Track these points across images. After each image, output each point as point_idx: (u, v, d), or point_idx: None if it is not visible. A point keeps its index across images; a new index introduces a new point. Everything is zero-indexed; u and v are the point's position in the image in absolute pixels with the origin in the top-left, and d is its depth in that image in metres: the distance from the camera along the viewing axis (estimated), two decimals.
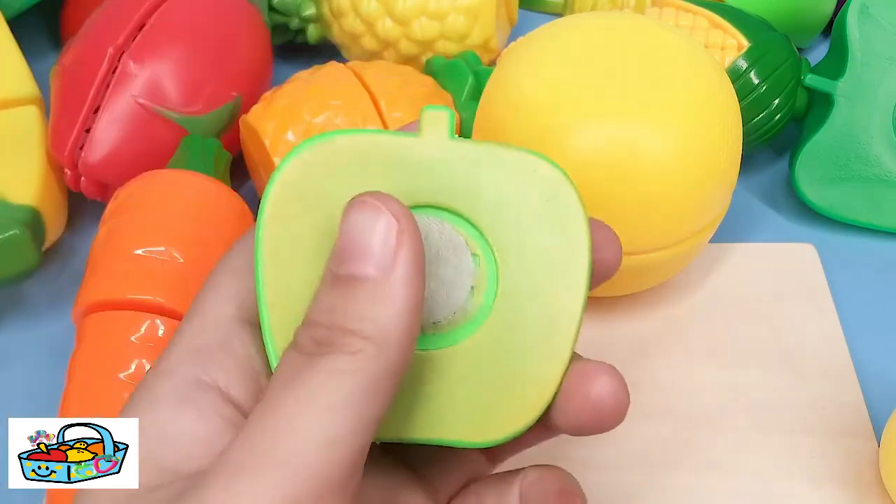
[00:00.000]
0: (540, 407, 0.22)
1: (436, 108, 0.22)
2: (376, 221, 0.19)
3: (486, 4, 0.42)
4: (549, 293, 0.22)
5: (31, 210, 0.35)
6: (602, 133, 0.30)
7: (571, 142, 0.30)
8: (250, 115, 0.38)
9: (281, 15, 0.45)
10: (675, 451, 0.33)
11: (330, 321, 0.18)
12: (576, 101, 0.31)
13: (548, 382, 0.22)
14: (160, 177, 0.35)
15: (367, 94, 0.38)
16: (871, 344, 0.36)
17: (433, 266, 0.22)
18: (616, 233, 0.23)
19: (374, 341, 0.18)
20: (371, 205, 0.19)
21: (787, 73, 0.40)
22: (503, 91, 0.33)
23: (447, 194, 0.22)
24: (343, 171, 0.21)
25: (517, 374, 0.22)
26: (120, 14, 0.38)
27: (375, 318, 0.18)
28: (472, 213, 0.22)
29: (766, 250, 0.39)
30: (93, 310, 0.32)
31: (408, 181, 0.22)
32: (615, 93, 0.30)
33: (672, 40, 0.32)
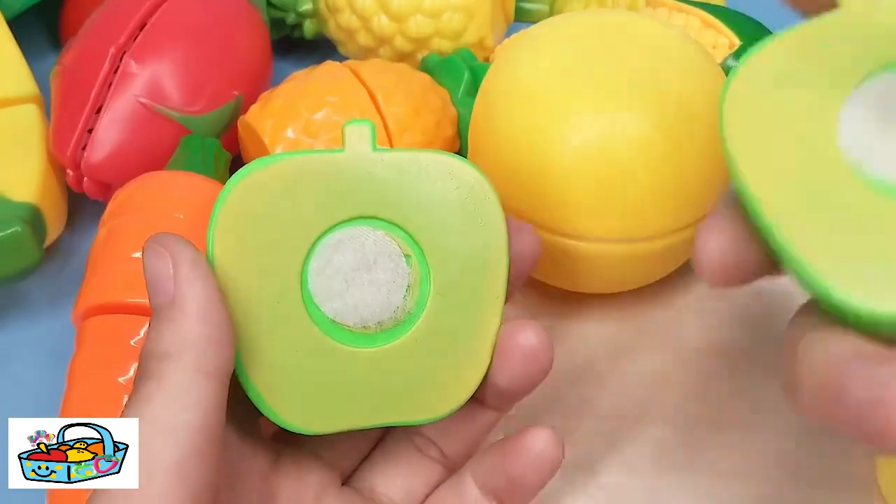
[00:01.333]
0: (477, 378, 0.26)
1: (357, 123, 0.25)
2: (158, 260, 0.23)
3: (482, 3, 0.42)
4: (474, 284, 0.25)
5: (32, 207, 0.36)
6: (598, 124, 0.30)
7: (569, 133, 0.30)
8: (248, 115, 0.38)
9: (278, 10, 0.45)
10: (672, 451, 0.33)
11: (144, 350, 0.22)
12: (573, 94, 0.31)
13: (481, 357, 0.25)
14: (159, 178, 0.35)
15: (365, 90, 0.38)
16: None
17: (373, 272, 0.25)
18: (533, 228, 0.27)
19: (172, 357, 0.21)
20: (152, 248, 0.23)
21: None
22: (500, 84, 0.33)
23: (377, 203, 0.25)
24: (282, 191, 0.24)
25: (456, 355, 0.25)
26: (121, 14, 0.38)
27: (170, 335, 0.22)
28: (401, 218, 0.25)
29: None
30: (92, 313, 0.32)
31: (340, 195, 0.25)
32: (611, 84, 0.31)
33: (667, 35, 0.32)
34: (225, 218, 0.24)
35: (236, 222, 0.24)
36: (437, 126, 0.38)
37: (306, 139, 0.36)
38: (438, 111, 0.39)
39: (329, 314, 0.25)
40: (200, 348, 0.21)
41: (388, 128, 0.37)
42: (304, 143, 0.36)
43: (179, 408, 0.21)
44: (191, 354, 0.21)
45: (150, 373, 0.21)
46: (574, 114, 0.31)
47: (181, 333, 0.21)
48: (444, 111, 0.39)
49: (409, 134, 0.37)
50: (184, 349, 0.21)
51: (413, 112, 0.38)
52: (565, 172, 0.31)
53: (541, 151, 0.31)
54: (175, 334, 0.22)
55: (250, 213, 0.24)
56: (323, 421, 0.25)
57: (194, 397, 0.21)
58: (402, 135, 0.37)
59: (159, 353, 0.21)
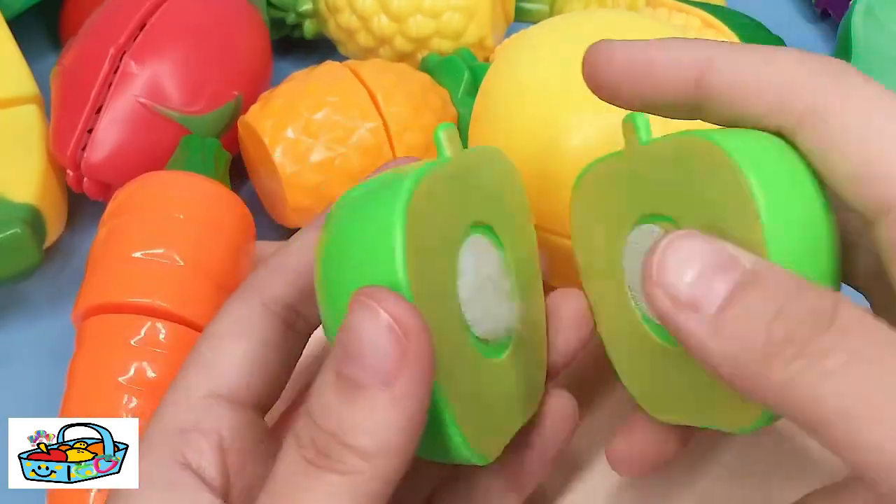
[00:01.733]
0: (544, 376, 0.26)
1: (446, 127, 0.23)
2: (376, 326, 0.18)
3: (482, 3, 0.42)
4: (533, 283, 0.26)
5: (32, 208, 0.36)
6: (598, 124, 0.30)
7: (569, 133, 0.30)
8: (248, 116, 0.38)
9: (278, 10, 0.45)
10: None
11: (330, 425, 0.18)
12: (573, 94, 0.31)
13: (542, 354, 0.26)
14: (159, 178, 0.35)
15: (365, 90, 0.38)
16: None
17: (496, 280, 0.23)
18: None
19: (371, 460, 0.18)
20: (369, 307, 0.18)
21: None
22: (501, 85, 0.33)
23: (481, 209, 0.24)
24: (434, 208, 0.21)
25: (537, 354, 0.26)
26: (121, 14, 0.38)
27: (373, 432, 0.18)
28: (493, 221, 0.24)
29: None
30: (92, 313, 0.32)
31: (461, 206, 0.23)
32: None
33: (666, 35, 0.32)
34: (413, 242, 0.20)
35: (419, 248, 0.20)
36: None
37: (306, 139, 0.36)
38: (438, 111, 0.39)
39: (472, 325, 0.22)
40: (405, 457, 0.19)
41: (388, 128, 0.37)
42: (304, 143, 0.36)
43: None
44: (393, 463, 0.18)
45: (341, 466, 0.18)
46: (574, 114, 0.31)
47: (386, 435, 0.18)
48: (444, 111, 0.39)
49: (409, 134, 0.37)
50: (388, 454, 0.18)
51: (413, 112, 0.38)
52: (566, 172, 0.30)
53: (541, 151, 0.31)
54: (380, 433, 0.18)
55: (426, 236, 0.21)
56: (491, 445, 0.22)
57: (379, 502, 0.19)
58: (402, 135, 0.37)
59: (357, 449, 0.18)
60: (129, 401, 0.30)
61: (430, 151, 0.38)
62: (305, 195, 0.37)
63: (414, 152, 0.37)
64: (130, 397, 0.30)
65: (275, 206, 0.39)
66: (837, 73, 0.20)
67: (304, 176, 0.36)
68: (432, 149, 0.38)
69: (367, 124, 0.37)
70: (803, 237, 0.19)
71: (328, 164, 0.36)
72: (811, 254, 0.20)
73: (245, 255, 0.35)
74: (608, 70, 0.23)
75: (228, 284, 0.33)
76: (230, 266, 0.33)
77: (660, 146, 0.23)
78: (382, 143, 0.37)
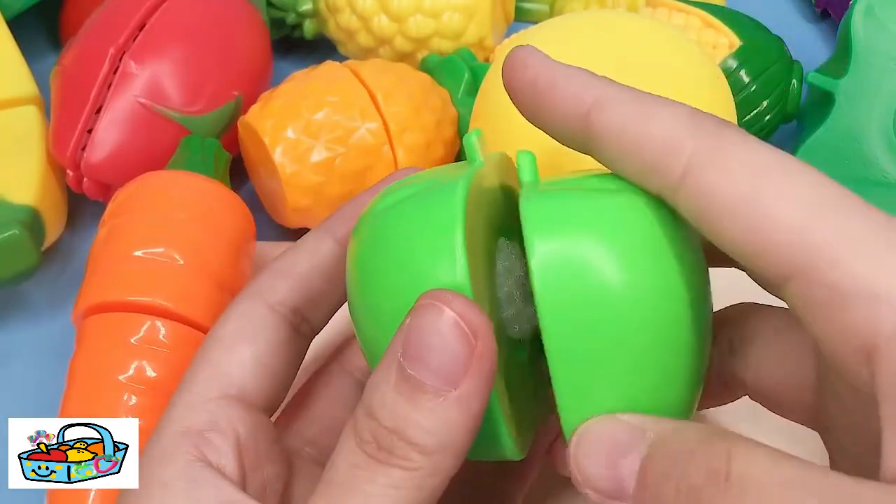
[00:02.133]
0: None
1: (478, 133, 0.23)
2: (445, 328, 0.18)
3: (482, 3, 0.42)
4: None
5: (31, 210, 0.35)
6: None
7: None
8: (248, 116, 0.38)
9: (278, 10, 0.45)
10: None
11: (393, 423, 0.19)
12: None
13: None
14: (159, 178, 0.35)
15: (365, 90, 0.38)
16: None
17: (522, 279, 0.22)
18: None
19: (433, 458, 0.19)
20: (437, 308, 0.18)
21: (778, 73, 0.40)
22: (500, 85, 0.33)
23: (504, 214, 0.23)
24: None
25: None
26: (120, 14, 0.38)
27: (436, 431, 0.19)
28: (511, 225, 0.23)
29: None
30: (92, 311, 0.32)
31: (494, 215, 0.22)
32: None
33: (666, 36, 0.32)
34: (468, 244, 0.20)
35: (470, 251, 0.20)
36: (438, 126, 0.38)
37: (306, 139, 0.36)
38: (439, 111, 0.39)
39: (507, 325, 0.22)
40: (462, 454, 0.19)
41: (388, 128, 0.37)
42: (304, 143, 0.36)
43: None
44: (452, 460, 0.19)
45: (404, 462, 0.19)
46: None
47: (448, 434, 0.19)
48: (444, 111, 0.39)
49: (409, 134, 0.37)
50: (449, 452, 0.19)
51: (413, 112, 0.38)
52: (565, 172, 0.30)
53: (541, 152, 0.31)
54: (442, 432, 0.19)
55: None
56: (525, 440, 0.23)
57: (435, 496, 0.19)
58: (402, 135, 0.37)
59: (419, 447, 0.19)
60: (129, 399, 0.30)
61: (431, 151, 0.38)
62: (305, 195, 0.37)
63: (414, 152, 0.37)
64: (130, 396, 0.30)
65: (275, 206, 0.39)
66: (716, 132, 0.19)
67: (304, 176, 0.36)
68: (432, 149, 0.38)
69: (367, 124, 0.37)
70: (610, 316, 0.19)
71: (328, 164, 0.36)
72: (631, 333, 0.19)
73: (245, 254, 0.35)
74: (518, 76, 0.22)
75: (228, 284, 0.33)
76: (230, 265, 0.33)
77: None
78: (382, 143, 0.37)
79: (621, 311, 0.19)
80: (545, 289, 0.19)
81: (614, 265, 0.19)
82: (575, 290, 0.19)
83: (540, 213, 0.20)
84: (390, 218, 0.21)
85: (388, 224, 0.21)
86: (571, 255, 0.19)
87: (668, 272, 0.19)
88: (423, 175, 0.22)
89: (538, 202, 0.20)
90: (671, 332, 0.20)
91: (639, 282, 0.19)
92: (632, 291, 0.19)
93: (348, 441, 0.20)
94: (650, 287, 0.19)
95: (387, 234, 0.20)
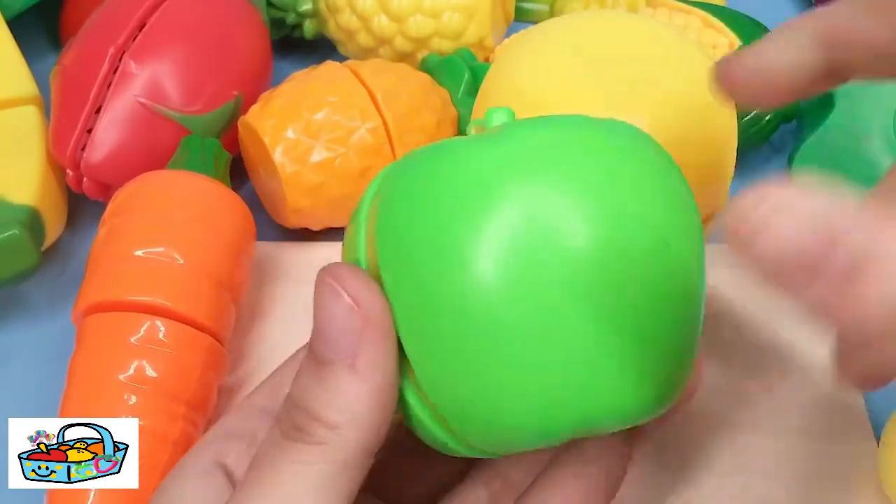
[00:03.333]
0: None
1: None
2: (336, 304, 0.19)
3: (482, 3, 0.42)
4: None
5: (31, 210, 0.35)
6: None
7: None
8: (248, 116, 0.38)
9: (278, 10, 0.45)
10: (672, 451, 0.33)
11: (304, 403, 0.20)
12: (572, 95, 0.31)
13: None
14: (159, 177, 0.35)
15: (365, 90, 0.38)
16: None
17: None
18: None
19: (341, 431, 0.19)
20: (330, 286, 0.19)
21: None
22: (501, 85, 0.33)
23: None
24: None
25: None
26: (120, 14, 0.38)
27: (340, 404, 0.19)
28: None
29: None
30: (92, 311, 0.32)
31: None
32: (611, 86, 0.31)
33: (666, 36, 0.32)
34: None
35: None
36: (438, 126, 0.38)
37: (306, 139, 0.36)
38: (439, 111, 0.39)
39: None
40: (374, 427, 0.19)
41: (388, 128, 0.37)
42: (305, 143, 0.36)
43: (336, 484, 0.19)
44: (362, 434, 0.19)
45: (312, 438, 0.19)
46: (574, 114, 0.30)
47: (355, 407, 0.19)
48: (444, 111, 0.39)
49: (409, 134, 0.37)
50: (356, 425, 0.19)
51: (413, 112, 0.38)
52: None
53: None
54: (347, 406, 0.19)
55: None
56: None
57: (353, 474, 0.20)
58: (402, 135, 0.37)
59: (326, 422, 0.19)
60: (129, 399, 0.30)
61: None
62: (305, 195, 0.37)
63: None
64: (130, 395, 0.30)
65: (275, 206, 0.39)
66: None
67: (305, 176, 0.36)
68: None
69: (367, 124, 0.37)
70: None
71: (328, 164, 0.36)
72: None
73: (245, 255, 0.35)
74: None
75: (228, 283, 0.33)
76: (230, 265, 0.33)
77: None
78: (382, 143, 0.37)
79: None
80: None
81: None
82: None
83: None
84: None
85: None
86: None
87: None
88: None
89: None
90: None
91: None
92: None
93: (272, 426, 0.20)
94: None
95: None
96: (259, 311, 0.37)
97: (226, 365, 0.33)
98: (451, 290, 0.19)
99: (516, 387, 0.19)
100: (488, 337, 0.19)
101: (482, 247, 0.19)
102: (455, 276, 0.19)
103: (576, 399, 0.19)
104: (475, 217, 0.19)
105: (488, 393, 0.19)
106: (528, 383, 0.19)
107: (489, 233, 0.19)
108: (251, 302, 0.37)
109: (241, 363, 0.35)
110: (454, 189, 0.19)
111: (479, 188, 0.19)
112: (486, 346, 0.19)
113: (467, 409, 0.20)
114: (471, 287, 0.19)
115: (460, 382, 0.19)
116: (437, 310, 0.19)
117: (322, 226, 0.39)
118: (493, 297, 0.19)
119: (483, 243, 0.19)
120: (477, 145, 0.20)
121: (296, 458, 0.19)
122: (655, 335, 0.20)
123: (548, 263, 0.19)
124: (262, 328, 0.36)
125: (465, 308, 0.19)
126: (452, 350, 0.19)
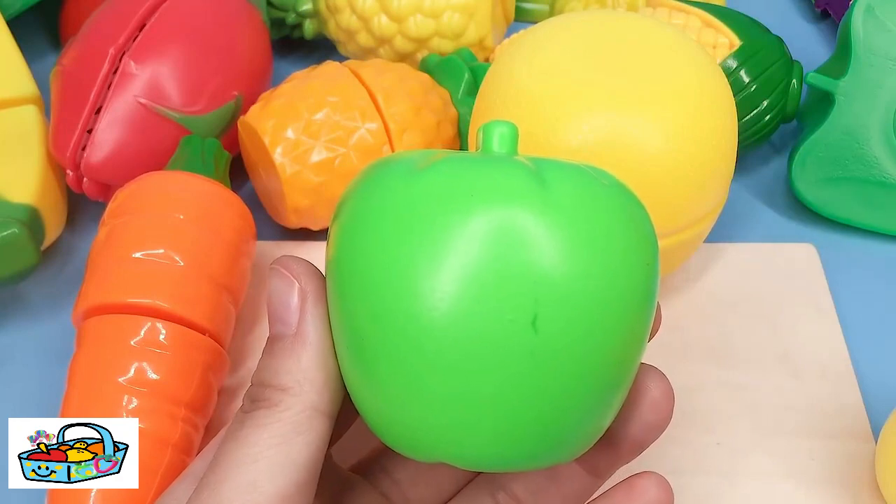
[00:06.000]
0: None
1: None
2: (280, 283, 0.21)
3: (482, 3, 0.42)
4: None
5: (30, 209, 0.36)
6: (598, 124, 0.30)
7: (568, 133, 0.30)
8: (248, 116, 0.38)
9: (278, 10, 0.45)
10: (671, 452, 0.33)
11: (259, 379, 0.21)
12: (573, 94, 0.31)
13: None
14: (159, 178, 0.35)
15: (365, 90, 0.38)
16: (869, 345, 0.36)
17: None
18: None
19: (291, 391, 0.21)
20: (276, 270, 0.22)
21: (778, 73, 0.40)
22: (500, 85, 0.33)
23: None
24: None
25: None
26: (120, 14, 0.38)
27: (289, 368, 0.21)
28: None
29: (766, 250, 0.39)
30: (92, 313, 0.32)
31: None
32: (611, 85, 0.31)
33: (667, 34, 0.33)
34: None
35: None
36: (438, 126, 0.39)
37: (307, 139, 0.36)
38: (439, 111, 0.39)
39: None
40: (318, 386, 0.21)
41: (388, 128, 0.37)
42: (305, 143, 0.36)
43: (291, 445, 0.20)
44: (310, 393, 0.21)
45: (265, 402, 0.21)
46: (573, 114, 0.31)
47: (301, 369, 0.21)
48: (444, 111, 0.39)
49: (409, 134, 0.37)
50: (303, 386, 0.21)
51: (413, 112, 0.38)
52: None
53: (541, 151, 0.31)
54: (295, 369, 0.21)
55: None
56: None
57: (308, 436, 0.21)
58: (402, 135, 0.37)
59: (277, 386, 0.21)
60: (129, 401, 0.30)
61: None
62: (305, 195, 0.37)
63: None
64: (130, 398, 0.30)
65: (275, 206, 0.39)
66: None
67: (304, 176, 0.36)
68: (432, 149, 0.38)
69: (367, 124, 0.37)
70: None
71: (328, 164, 0.36)
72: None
73: (245, 255, 0.35)
74: None
75: (228, 284, 0.33)
76: (230, 266, 0.33)
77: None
78: (382, 144, 0.37)
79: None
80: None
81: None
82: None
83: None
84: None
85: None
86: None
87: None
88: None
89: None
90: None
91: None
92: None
93: (235, 415, 0.22)
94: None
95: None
96: (259, 311, 0.37)
97: (226, 367, 0.33)
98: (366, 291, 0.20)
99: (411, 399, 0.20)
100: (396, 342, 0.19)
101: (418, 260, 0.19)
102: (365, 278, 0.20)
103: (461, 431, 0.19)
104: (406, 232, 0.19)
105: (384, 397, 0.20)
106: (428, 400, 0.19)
107: (419, 253, 0.19)
108: (251, 302, 0.37)
109: (241, 364, 0.35)
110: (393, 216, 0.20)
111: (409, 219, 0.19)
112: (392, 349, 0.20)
113: (363, 406, 0.21)
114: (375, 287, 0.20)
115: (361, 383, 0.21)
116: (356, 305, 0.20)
117: (322, 226, 0.39)
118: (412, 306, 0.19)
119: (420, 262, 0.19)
120: (414, 176, 0.20)
121: (252, 423, 0.21)
122: (573, 390, 0.20)
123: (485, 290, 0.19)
124: (262, 328, 0.36)
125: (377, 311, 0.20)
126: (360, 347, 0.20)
